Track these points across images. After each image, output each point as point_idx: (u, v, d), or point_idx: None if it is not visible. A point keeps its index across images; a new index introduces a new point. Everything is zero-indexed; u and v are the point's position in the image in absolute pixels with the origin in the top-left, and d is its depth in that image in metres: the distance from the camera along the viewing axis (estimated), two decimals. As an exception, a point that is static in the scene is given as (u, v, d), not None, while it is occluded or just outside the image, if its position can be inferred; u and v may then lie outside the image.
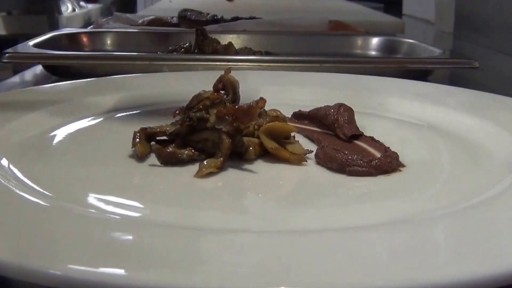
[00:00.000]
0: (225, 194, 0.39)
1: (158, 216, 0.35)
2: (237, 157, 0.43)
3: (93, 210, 0.34)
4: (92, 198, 0.37)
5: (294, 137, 0.47)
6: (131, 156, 0.44)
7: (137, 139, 0.44)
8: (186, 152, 0.43)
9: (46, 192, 0.36)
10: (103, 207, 0.35)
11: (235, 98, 0.47)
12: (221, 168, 0.41)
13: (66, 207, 0.34)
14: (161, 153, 0.42)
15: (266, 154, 0.44)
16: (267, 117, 0.47)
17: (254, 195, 0.39)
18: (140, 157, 0.43)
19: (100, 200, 0.37)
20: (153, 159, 0.43)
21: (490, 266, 0.27)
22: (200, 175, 0.40)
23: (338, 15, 1.26)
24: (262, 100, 0.42)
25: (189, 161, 0.42)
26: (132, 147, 0.44)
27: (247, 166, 0.42)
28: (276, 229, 0.33)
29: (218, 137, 0.42)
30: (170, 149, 0.43)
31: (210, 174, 0.40)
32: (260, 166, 0.43)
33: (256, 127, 0.45)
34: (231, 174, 0.41)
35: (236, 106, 0.43)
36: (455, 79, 0.83)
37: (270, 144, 0.43)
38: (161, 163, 0.42)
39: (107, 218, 0.33)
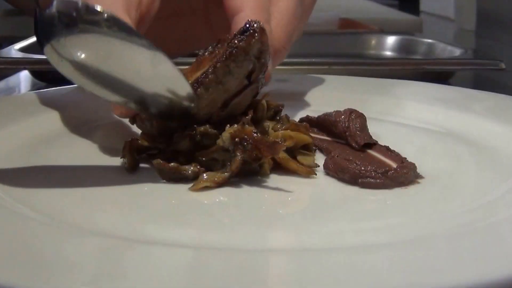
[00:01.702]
0: (228, 210, 0.39)
1: (151, 233, 0.35)
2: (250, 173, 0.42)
3: (79, 226, 0.34)
4: (78, 213, 0.36)
5: (315, 150, 0.47)
6: (122, 168, 0.44)
7: (127, 150, 0.44)
8: (191, 168, 0.42)
9: (29, 206, 0.36)
10: (89, 223, 0.35)
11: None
12: (222, 185, 0.40)
13: (51, 222, 0.34)
14: (163, 169, 0.41)
15: (276, 165, 0.43)
16: (285, 123, 0.47)
17: (259, 211, 0.39)
18: (130, 170, 0.43)
19: (86, 215, 0.36)
20: (145, 170, 0.43)
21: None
22: (194, 188, 0.40)
23: (349, 12, 1.26)
24: (291, 139, 0.41)
25: (195, 178, 0.41)
26: (121, 157, 0.44)
27: (253, 179, 0.42)
28: (282, 247, 0.33)
29: (230, 158, 0.41)
30: (172, 164, 0.41)
31: (207, 188, 0.40)
32: (267, 179, 0.42)
33: (272, 130, 0.45)
34: (235, 188, 0.41)
35: (255, 133, 0.41)
36: (479, 82, 0.83)
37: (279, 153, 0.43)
38: (163, 179, 0.41)
39: (94, 235, 0.33)
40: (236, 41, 0.43)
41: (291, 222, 0.37)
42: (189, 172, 0.42)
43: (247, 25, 0.43)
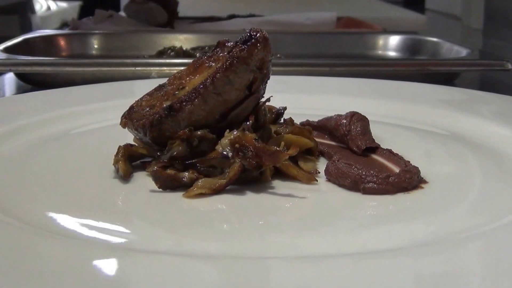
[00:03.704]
0: (227, 218, 0.40)
1: (149, 242, 0.35)
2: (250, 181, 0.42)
3: (73, 237, 0.35)
4: (69, 222, 0.37)
5: (319, 154, 0.48)
6: (115, 174, 0.44)
7: (120, 156, 0.44)
8: (188, 175, 0.42)
9: (18, 218, 0.37)
10: (82, 232, 0.36)
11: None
12: (218, 192, 0.41)
13: (42, 232, 0.35)
14: (159, 176, 0.41)
15: (276, 170, 0.44)
16: (289, 126, 0.48)
17: (258, 219, 0.39)
18: (123, 177, 0.43)
19: (78, 224, 0.37)
20: (139, 177, 0.44)
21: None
22: (188, 195, 0.41)
23: (350, 10, 1.28)
24: (295, 148, 0.42)
25: (192, 185, 0.41)
26: (113, 164, 0.45)
27: (253, 185, 0.42)
28: (281, 255, 0.34)
29: (229, 165, 0.42)
30: (169, 171, 0.42)
31: (203, 195, 0.41)
32: (267, 185, 0.43)
33: (274, 134, 0.46)
34: (234, 195, 0.41)
35: (257, 141, 0.41)
36: (485, 83, 0.84)
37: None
38: (159, 188, 0.42)
39: (87, 244, 0.34)
40: (237, 51, 0.43)
41: (290, 229, 0.38)
42: (186, 179, 0.42)
43: (250, 34, 0.44)
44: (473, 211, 0.40)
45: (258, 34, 0.44)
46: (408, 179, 0.42)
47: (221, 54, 0.46)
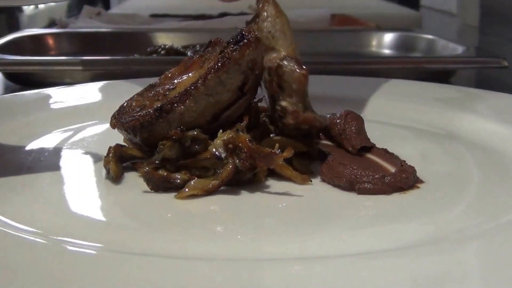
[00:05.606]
0: (220, 220, 0.40)
1: (144, 245, 0.35)
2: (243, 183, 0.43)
3: (68, 241, 0.35)
4: (58, 224, 0.37)
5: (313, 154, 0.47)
6: (106, 175, 0.44)
7: (110, 157, 0.44)
8: (180, 176, 0.42)
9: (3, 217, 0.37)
10: (71, 234, 0.36)
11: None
12: (211, 193, 0.41)
13: (30, 234, 0.35)
14: (151, 177, 0.42)
15: (270, 170, 0.44)
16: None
17: (252, 220, 0.39)
18: (114, 178, 0.44)
19: (68, 226, 0.37)
20: (130, 179, 0.44)
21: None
22: (180, 196, 0.41)
23: (344, 7, 1.28)
24: (290, 150, 0.42)
25: (184, 186, 0.41)
26: (104, 165, 0.45)
27: (246, 186, 0.43)
28: (275, 256, 0.34)
29: (222, 165, 0.42)
30: (161, 172, 0.42)
31: (195, 196, 0.41)
32: (261, 185, 0.43)
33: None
34: (228, 195, 0.41)
35: (250, 142, 0.41)
36: (481, 80, 0.84)
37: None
38: (151, 189, 0.42)
39: (77, 246, 0.34)
40: (229, 51, 0.43)
41: (284, 230, 0.38)
42: (179, 180, 0.42)
43: (242, 34, 0.44)
44: (470, 210, 0.40)
45: (250, 34, 0.44)
46: (404, 179, 0.42)
47: (213, 54, 0.46)
